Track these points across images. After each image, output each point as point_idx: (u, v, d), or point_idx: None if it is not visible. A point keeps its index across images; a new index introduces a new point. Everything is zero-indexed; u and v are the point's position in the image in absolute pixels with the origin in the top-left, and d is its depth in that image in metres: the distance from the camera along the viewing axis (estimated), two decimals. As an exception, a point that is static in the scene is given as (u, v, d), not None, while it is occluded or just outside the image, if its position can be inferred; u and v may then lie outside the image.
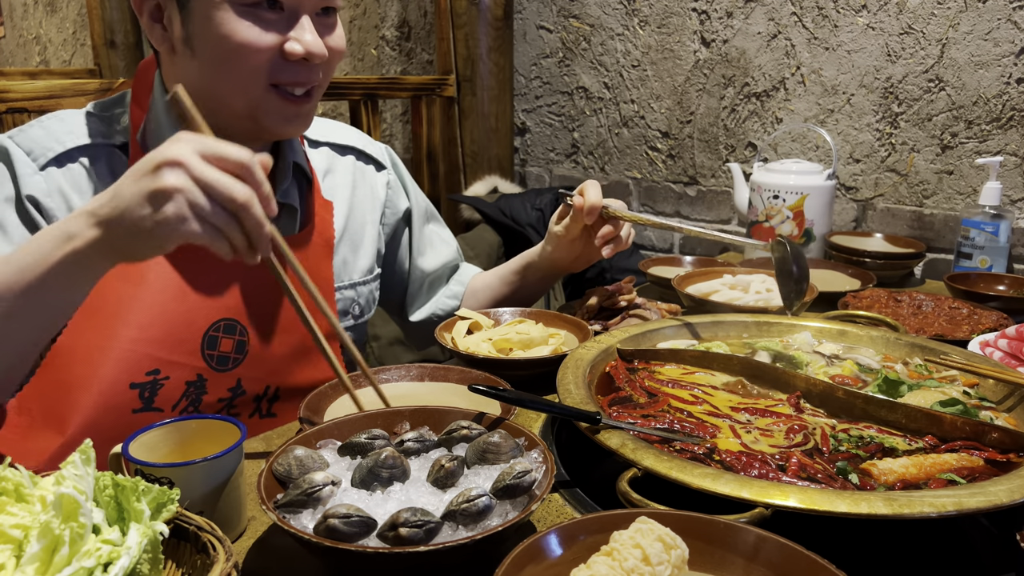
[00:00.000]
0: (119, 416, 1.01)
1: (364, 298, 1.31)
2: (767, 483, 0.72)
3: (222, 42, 0.99)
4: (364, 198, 1.32)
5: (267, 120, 1.06)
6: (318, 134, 1.29)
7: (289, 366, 1.14)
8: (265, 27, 1.00)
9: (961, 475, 0.79)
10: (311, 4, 1.02)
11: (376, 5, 3.25)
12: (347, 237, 1.27)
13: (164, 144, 0.81)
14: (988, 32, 1.94)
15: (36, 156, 1.02)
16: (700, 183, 2.55)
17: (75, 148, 1.04)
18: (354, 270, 1.29)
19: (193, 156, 0.79)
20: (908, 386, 0.99)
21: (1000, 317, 1.39)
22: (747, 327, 1.20)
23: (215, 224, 0.80)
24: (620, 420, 0.87)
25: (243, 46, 0.99)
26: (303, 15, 1.02)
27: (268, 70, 1.02)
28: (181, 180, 0.78)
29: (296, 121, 1.08)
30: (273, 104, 1.04)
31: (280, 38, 1.01)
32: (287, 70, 1.03)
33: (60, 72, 4.16)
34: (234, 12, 0.98)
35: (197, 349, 1.06)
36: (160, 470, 0.70)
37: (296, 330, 1.14)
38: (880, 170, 2.18)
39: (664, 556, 0.58)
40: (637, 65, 2.60)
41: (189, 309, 1.05)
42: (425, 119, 2.84)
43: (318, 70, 1.06)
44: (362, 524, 0.65)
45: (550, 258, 1.36)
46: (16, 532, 0.55)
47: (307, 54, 1.01)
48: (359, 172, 1.33)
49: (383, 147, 1.41)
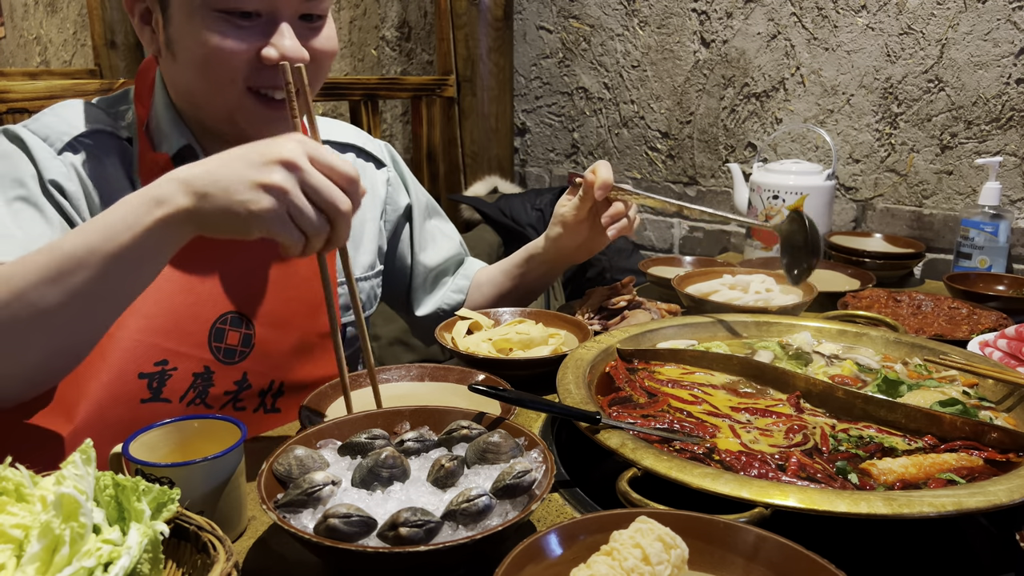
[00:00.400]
0: (128, 405, 1.02)
1: (365, 294, 1.32)
2: (767, 483, 0.72)
3: (197, 47, 1.00)
4: (364, 194, 1.32)
5: (247, 124, 1.06)
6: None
7: (292, 362, 1.15)
8: (241, 33, 0.99)
9: (960, 475, 0.79)
10: (289, 13, 1.01)
11: (376, 5, 3.25)
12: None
13: (279, 139, 0.83)
14: (988, 32, 1.94)
15: (52, 142, 1.04)
16: (700, 183, 2.55)
17: (88, 132, 1.06)
18: (355, 266, 1.29)
19: (305, 160, 0.81)
20: (908, 386, 0.99)
21: (999, 317, 1.39)
22: (747, 327, 1.20)
23: (304, 228, 0.82)
24: (620, 420, 0.87)
25: (218, 51, 0.99)
26: (282, 22, 1.01)
27: (245, 74, 1.01)
28: (290, 182, 0.80)
29: (277, 125, 1.06)
30: (252, 108, 1.04)
31: (257, 43, 1.00)
32: (264, 74, 1.02)
33: (60, 72, 4.16)
34: (210, 18, 0.98)
35: (204, 341, 1.07)
36: (160, 470, 0.70)
37: (300, 326, 1.15)
38: (880, 170, 2.18)
39: (664, 556, 0.58)
40: (637, 65, 2.60)
41: (196, 301, 1.06)
42: (425, 119, 2.84)
43: (300, 73, 1.05)
44: (362, 524, 0.65)
45: (555, 245, 1.35)
46: (16, 532, 0.55)
47: (282, 58, 1.00)
48: (359, 170, 1.32)
49: (382, 144, 1.41)
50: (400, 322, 2.28)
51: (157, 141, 1.09)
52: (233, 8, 0.98)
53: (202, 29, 0.99)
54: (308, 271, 1.17)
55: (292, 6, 1.01)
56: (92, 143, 1.06)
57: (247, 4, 0.98)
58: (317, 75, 1.09)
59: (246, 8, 0.98)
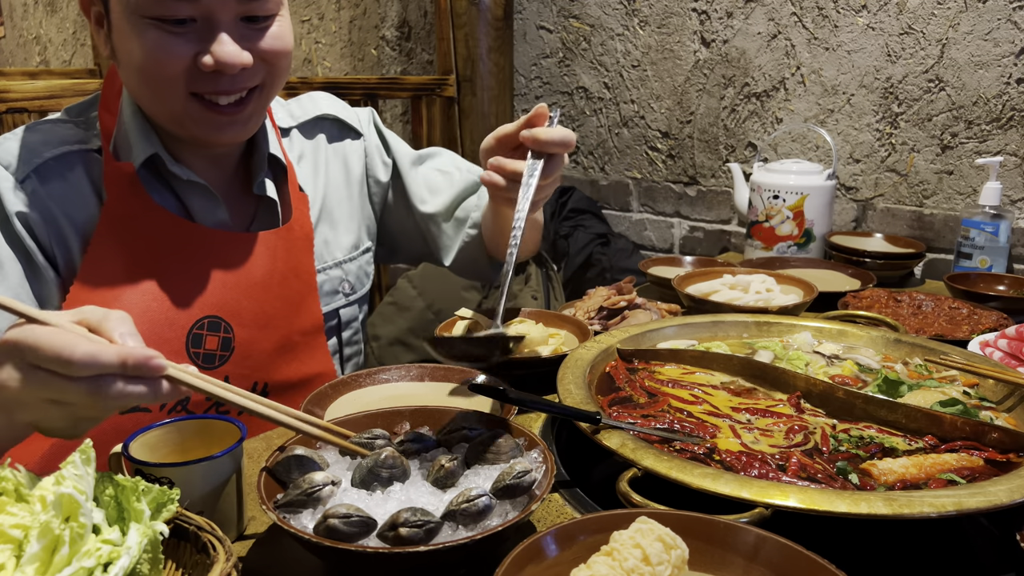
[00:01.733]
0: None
1: (353, 275, 1.30)
2: (767, 483, 0.72)
3: (133, 53, 0.98)
4: (337, 175, 1.30)
5: (195, 129, 1.04)
6: (286, 120, 1.27)
7: (276, 361, 1.14)
8: (176, 40, 0.97)
9: (961, 475, 0.79)
10: (227, 17, 0.98)
11: (376, 5, 3.25)
12: (324, 218, 1.27)
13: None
14: (988, 32, 1.94)
15: (14, 170, 1.01)
16: (700, 183, 2.55)
17: (51, 158, 1.04)
18: (336, 248, 1.28)
19: (29, 379, 0.68)
20: (908, 386, 0.99)
21: (1000, 317, 1.39)
22: (747, 327, 1.20)
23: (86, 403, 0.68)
24: (620, 420, 0.87)
25: (153, 59, 0.97)
26: (220, 29, 0.98)
27: (185, 80, 0.99)
28: (54, 408, 0.69)
29: (229, 129, 1.05)
30: (197, 113, 1.02)
31: (195, 49, 0.97)
32: (205, 80, 0.99)
33: (60, 72, 4.16)
34: (142, 25, 0.96)
35: (182, 348, 1.06)
36: (160, 470, 0.70)
37: (282, 325, 1.14)
38: (880, 170, 2.18)
39: (664, 556, 0.58)
40: (637, 65, 2.60)
41: (170, 308, 1.05)
42: (425, 119, 2.84)
43: (244, 78, 1.02)
44: (362, 524, 0.65)
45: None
46: (16, 532, 0.55)
47: (219, 65, 0.97)
48: (332, 151, 1.31)
49: (361, 112, 1.37)
50: (400, 322, 2.28)
51: (124, 151, 1.07)
52: (165, 16, 0.95)
53: (136, 36, 0.96)
54: (286, 267, 1.16)
55: (229, 10, 0.98)
56: (56, 166, 1.04)
57: (179, 11, 0.95)
58: (273, 75, 1.06)
59: (178, 15, 0.95)
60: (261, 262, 1.13)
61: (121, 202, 1.04)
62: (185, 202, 1.10)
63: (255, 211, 1.18)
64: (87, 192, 1.05)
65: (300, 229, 1.19)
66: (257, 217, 1.18)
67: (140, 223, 1.05)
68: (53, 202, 1.03)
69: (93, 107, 1.11)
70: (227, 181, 1.16)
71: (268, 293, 1.13)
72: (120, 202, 1.04)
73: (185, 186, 1.09)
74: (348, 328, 1.31)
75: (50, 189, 1.03)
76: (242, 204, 1.17)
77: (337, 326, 1.29)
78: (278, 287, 1.15)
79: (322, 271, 1.24)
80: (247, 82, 1.03)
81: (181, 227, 1.08)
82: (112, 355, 0.65)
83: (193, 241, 1.08)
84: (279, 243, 1.15)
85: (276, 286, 1.14)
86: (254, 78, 1.03)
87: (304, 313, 1.18)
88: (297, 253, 1.18)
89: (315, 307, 1.20)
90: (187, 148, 1.10)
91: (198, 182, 1.09)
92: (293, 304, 1.16)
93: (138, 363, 0.66)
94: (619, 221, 2.77)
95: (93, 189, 1.06)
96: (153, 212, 1.06)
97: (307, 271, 1.19)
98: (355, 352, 1.35)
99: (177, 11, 0.95)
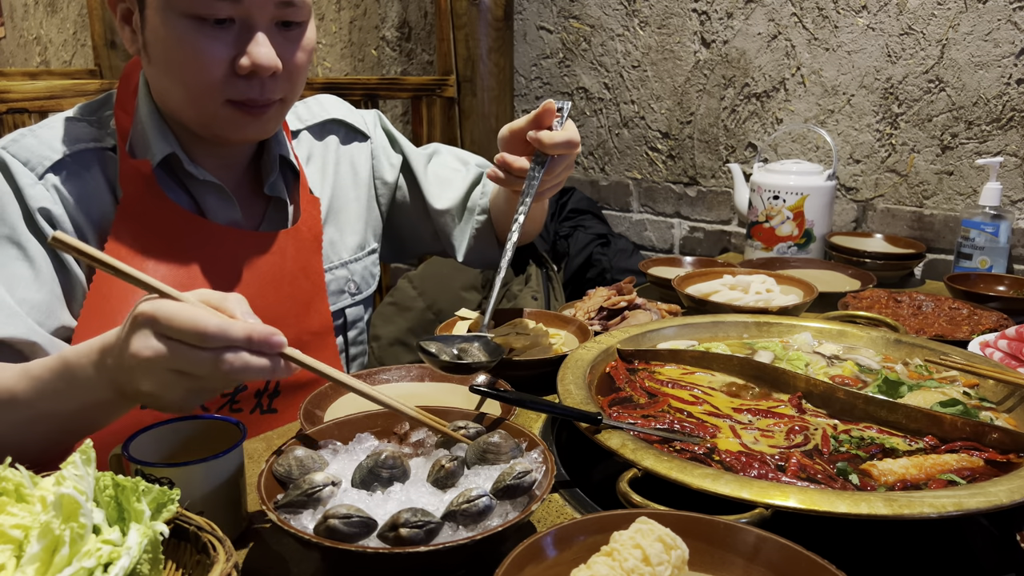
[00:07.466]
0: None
1: (358, 275, 1.31)
2: (767, 483, 0.72)
3: (171, 52, 0.98)
4: (345, 176, 1.32)
5: (221, 130, 1.05)
6: (295, 123, 1.28)
7: None
8: (215, 42, 0.98)
9: (961, 476, 0.79)
10: (264, 20, 0.99)
11: (376, 5, 3.25)
12: (331, 219, 1.28)
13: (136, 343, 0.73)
14: (988, 33, 1.94)
15: (33, 166, 1.02)
16: (700, 183, 2.55)
17: (68, 155, 1.04)
18: (342, 249, 1.29)
19: (172, 354, 0.73)
20: (908, 387, 0.99)
21: (1000, 318, 1.39)
22: (747, 327, 1.20)
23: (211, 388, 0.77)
24: (620, 420, 0.87)
25: (192, 60, 0.98)
26: (258, 30, 0.99)
27: (222, 87, 1.00)
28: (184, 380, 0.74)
29: (252, 128, 1.06)
30: (229, 117, 1.04)
31: (232, 52, 0.99)
32: (241, 85, 1.01)
33: (61, 72, 4.16)
34: (182, 24, 0.97)
35: None
36: (160, 470, 0.70)
37: (293, 324, 1.14)
38: (880, 171, 2.18)
39: (664, 556, 0.58)
40: (637, 66, 2.60)
41: None
42: (425, 119, 2.84)
43: (273, 87, 1.03)
44: (362, 524, 0.65)
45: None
46: (16, 532, 0.55)
47: (255, 67, 0.98)
48: (341, 152, 1.33)
49: (368, 113, 1.39)
50: (400, 322, 2.28)
51: (140, 150, 1.07)
52: (205, 15, 0.96)
53: (175, 34, 0.97)
54: (296, 267, 1.16)
55: (267, 13, 0.99)
56: (73, 162, 1.05)
57: (220, 11, 0.96)
58: (294, 87, 1.07)
59: (219, 15, 0.96)
60: (272, 261, 1.14)
61: (137, 200, 1.05)
62: (199, 201, 1.11)
63: (264, 211, 1.19)
64: (103, 190, 1.06)
65: (309, 230, 1.20)
66: (267, 217, 1.19)
67: (156, 220, 1.06)
68: (71, 198, 1.03)
69: (106, 106, 1.11)
70: (238, 181, 1.17)
71: (279, 292, 1.14)
72: (136, 200, 1.05)
73: (200, 185, 1.10)
74: (353, 328, 1.32)
75: (68, 186, 1.04)
76: (252, 204, 1.18)
77: (343, 326, 1.30)
78: (288, 286, 1.15)
79: (328, 271, 1.25)
80: (274, 94, 1.04)
81: (196, 225, 1.09)
82: (240, 330, 0.71)
83: (207, 239, 1.09)
84: (289, 243, 1.16)
85: (286, 285, 1.15)
86: (279, 90, 1.05)
87: (313, 313, 1.19)
88: (306, 253, 1.19)
89: (324, 307, 1.21)
90: (201, 148, 1.11)
91: (213, 182, 1.10)
92: (303, 304, 1.17)
93: (262, 338, 0.72)
94: (619, 221, 2.77)
95: (108, 187, 1.06)
96: (168, 210, 1.07)
97: (316, 272, 1.20)
98: (360, 352, 1.36)
99: (218, 11, 0.96)
